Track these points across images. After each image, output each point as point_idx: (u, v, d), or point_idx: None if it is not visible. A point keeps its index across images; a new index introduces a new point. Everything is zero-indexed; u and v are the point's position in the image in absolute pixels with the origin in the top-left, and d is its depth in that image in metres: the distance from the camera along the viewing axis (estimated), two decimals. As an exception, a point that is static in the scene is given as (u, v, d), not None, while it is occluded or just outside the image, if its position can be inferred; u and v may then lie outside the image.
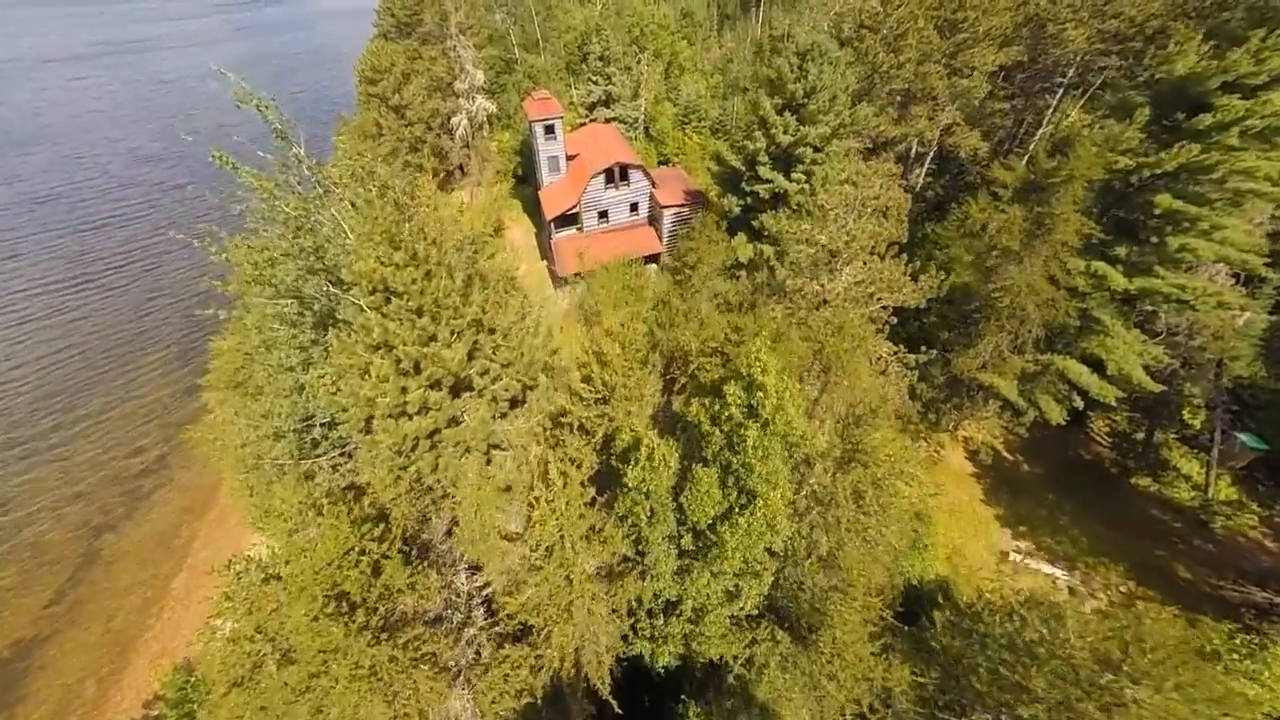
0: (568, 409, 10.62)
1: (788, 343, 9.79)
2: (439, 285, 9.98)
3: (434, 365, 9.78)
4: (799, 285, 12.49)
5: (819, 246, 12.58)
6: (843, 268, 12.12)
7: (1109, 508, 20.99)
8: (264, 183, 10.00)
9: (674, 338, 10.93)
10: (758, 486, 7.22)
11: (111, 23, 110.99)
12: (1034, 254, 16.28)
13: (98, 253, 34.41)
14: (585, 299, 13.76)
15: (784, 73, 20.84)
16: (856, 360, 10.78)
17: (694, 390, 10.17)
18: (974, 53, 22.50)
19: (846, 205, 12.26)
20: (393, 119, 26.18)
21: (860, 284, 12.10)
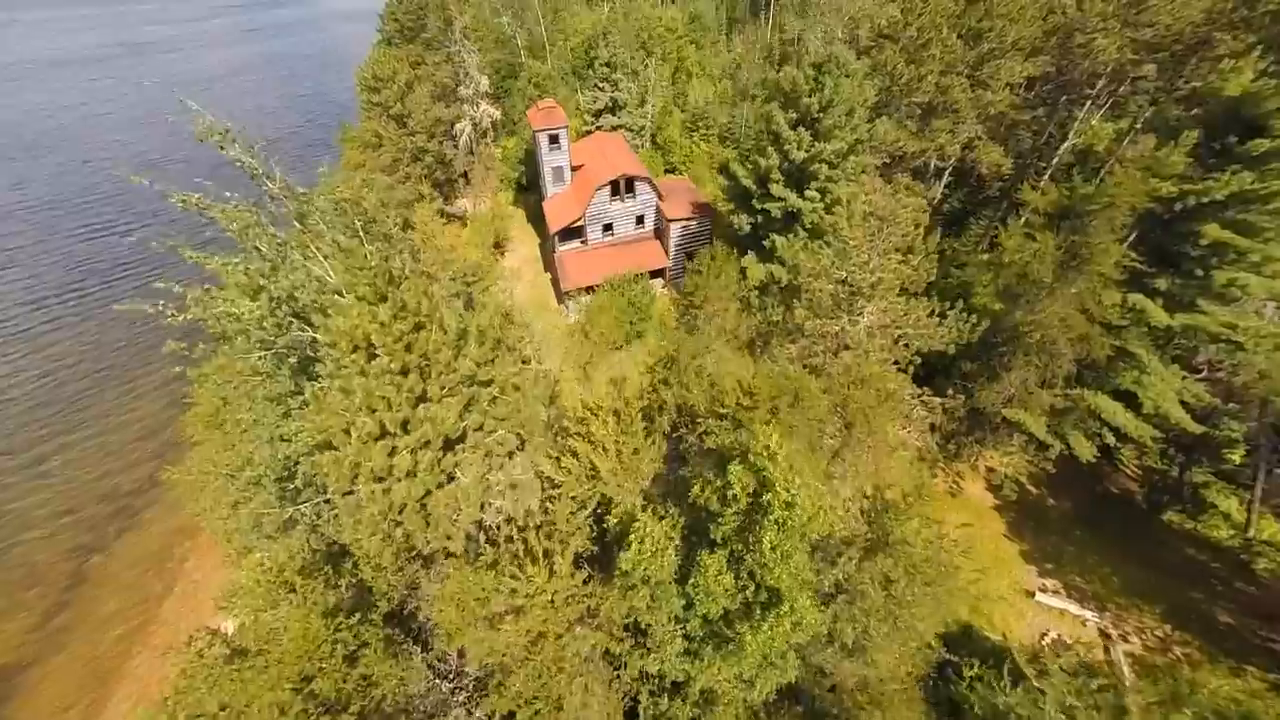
0: (557, 480, 9.68)
1: (807, 398, 8.81)
2: (430, 340, 9.07)
3: (424, 426, 8.88)
4: (818, 326, 11.46)
5: (840, 283, 11.56)
6: (865, 306, 11.10)
7: (1140, 545, 19.76)
8: (237, 220, 9.08)
9: (680, 395, 10.01)
10: (780, 583, 6.27)
11: (123, 24, 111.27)
12: (1068, 286, 15.09)
13: (98, 261, 33.93)
14: (582, 349, 12.80)
15: (798, 85, 19.72)
16: (882, 417, 9.78)
17: (701, 454, 9.22)
18: (1000, 64, 21.23)
19: (871, 241, 11.21)
20: (394, 128, 25.33)
21: (885, 327, 11.06)
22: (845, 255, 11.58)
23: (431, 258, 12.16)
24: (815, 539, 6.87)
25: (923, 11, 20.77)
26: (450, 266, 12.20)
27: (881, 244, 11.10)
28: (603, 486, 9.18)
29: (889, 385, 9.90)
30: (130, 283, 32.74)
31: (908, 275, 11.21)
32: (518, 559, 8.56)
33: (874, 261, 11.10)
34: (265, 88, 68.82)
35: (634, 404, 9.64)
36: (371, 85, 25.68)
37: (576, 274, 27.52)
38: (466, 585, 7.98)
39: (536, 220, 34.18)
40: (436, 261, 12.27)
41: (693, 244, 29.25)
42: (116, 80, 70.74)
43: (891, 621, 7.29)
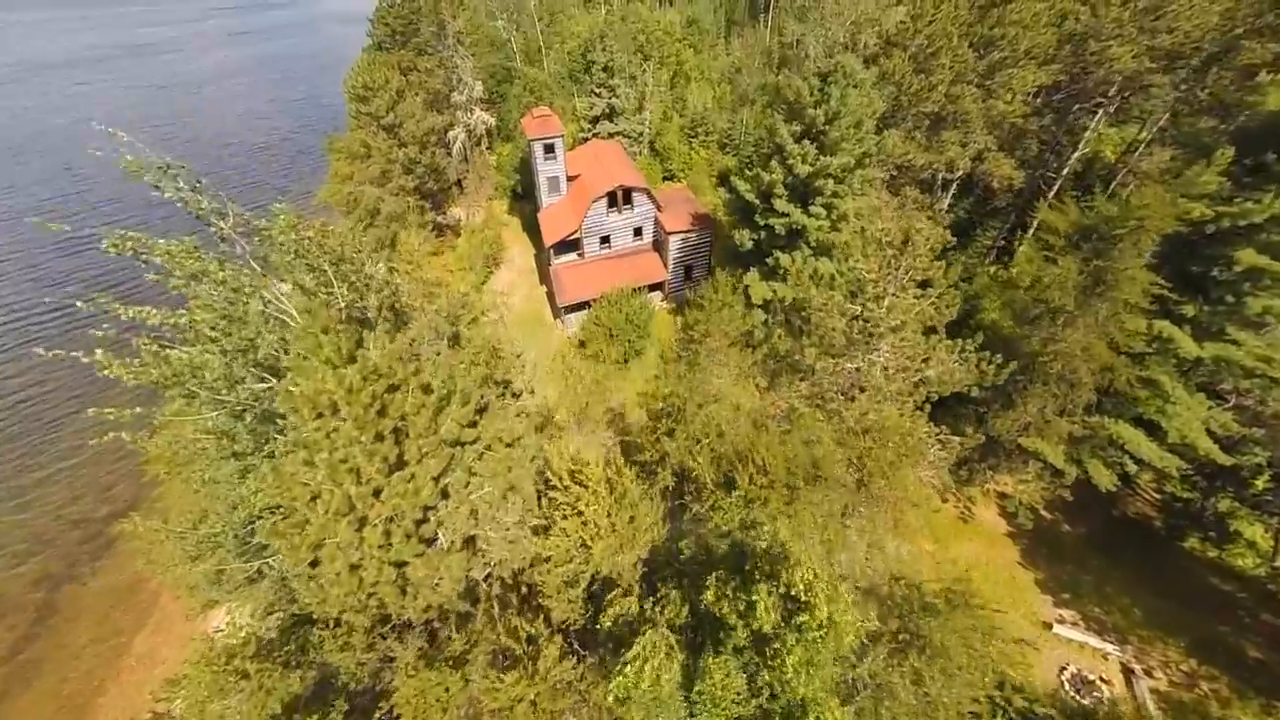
0: (545, 553, 8.69)
1: (826, 468, 7.85)
2: (406, 402, 8.06)
3: (400, 499, 7.89)
4: (830, 365, 10.50)
5: (853, 319, 10.60)
6: (880, 346, 10.15)
7: (1161, 574, 18.88)
8: (182, 266, 8.02)
9: (682, 457, 9.05)
10: (807, 696, 5.34)
11: (118, 26, 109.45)
12: (1091, 314, 14.13)
13: (81, 274, 32.75)
14: (578, 392, 11.71)
15: (803, 96, 18.71)
16: (902, 474, 8.85)
17: (707, 517, 8.27)
18: (1012, 73, 20.26)
19: (887, 272, 10.26)
20: (384, 139, 24.26)
21: (903, 370, 10.12)
22: (860, 287, 10.63)
23: (415, 290, 11.13)
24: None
25: (934, 19, 19.78)
26: (436, 299, 11.18)
27: (900, 277, 10.16)
28: (595, 564, 8.21)
29: (910, 438, 8.97)
30: (115, 295, 31.57)
31: (929, 314, 10.27)
32: (496, 648, 7.58)
33: (889, 297, 10.13)
34: (257, 91, 67.44)
35: (626, 475, 8.65)
36: (360, 95, 24.59)
37: (573, 288, 26.50)
38: (427, 686, 6.99)
39: (532, 229, 33.16)
40: (421, 294, 11.24)
41: (692, 256, 28.28)
42: (107, 83, 69.29)
43: (927, 715, 6.41)
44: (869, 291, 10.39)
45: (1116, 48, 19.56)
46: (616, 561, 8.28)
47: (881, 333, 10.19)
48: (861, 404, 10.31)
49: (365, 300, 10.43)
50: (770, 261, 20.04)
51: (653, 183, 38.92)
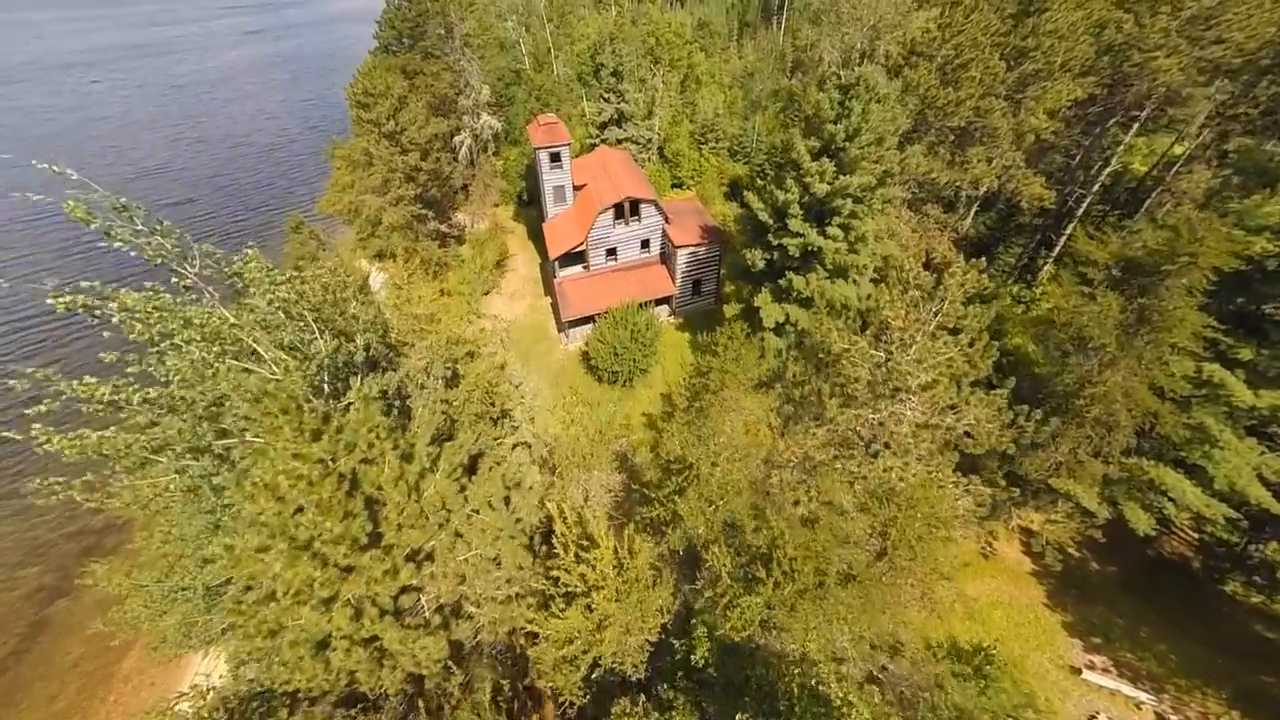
0: (543, 632, 7.83)
1: (862, 574, 6.90)
2: (382, 475, 7.24)
3: (374, 582, 7.08)
4: (852, 419, 9.52)
5: (877, 367, 9.62)
6: (909, 399, 9.17)
7: (1200, 619, 17.65)
8: (144, 324, 7.15)
9: (693, 524, 8.12)
10: None
11: (130, 25, 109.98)
12: (1133, 355, 12.97)
13: (86, 279, 32.44)
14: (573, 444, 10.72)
15: (822, 110, 17.59)
16: (932, 548, 7.89)
17: (723, 614, 7.35)
18: (1046, 86, 18.99)
19: (919, 322, 9.23)
20: (386, 147, 23.51)
21: (933, 426, 9.13)
22: (883, 329, 9.64)
23: (406, 325, 10.34)
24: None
25: (963, 28, 18.53)
26: (428, 335, 10.37)
27: (928, 322, 9.16)
28: (598, 649, 7.36)
29: (942, 507, 8.01)
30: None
31: (962, 367, 9.23)
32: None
33: (917, 345, 9.09)
34: (267, 91, 67.19)
35: (643, 554, 7.74)
36: (361, 101, 23.84)
37: (578, 302, 25.64)
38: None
39: (539, 236, 32.29)
40: (412, 330, 10.44)
41: (701, 270, 27.27)
42: (118, 83, 69.37)
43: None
44: (895, 339, 9.41)
45: (1163, 59, 18.21)
46: (624, 643, 7.45)
47: (909, 387, 9.22)
48: (886, 460, 9.36)
49: (353, 343, 9.63)
50: (783, 283, 19.02)
51: (661, 190, 37.93)
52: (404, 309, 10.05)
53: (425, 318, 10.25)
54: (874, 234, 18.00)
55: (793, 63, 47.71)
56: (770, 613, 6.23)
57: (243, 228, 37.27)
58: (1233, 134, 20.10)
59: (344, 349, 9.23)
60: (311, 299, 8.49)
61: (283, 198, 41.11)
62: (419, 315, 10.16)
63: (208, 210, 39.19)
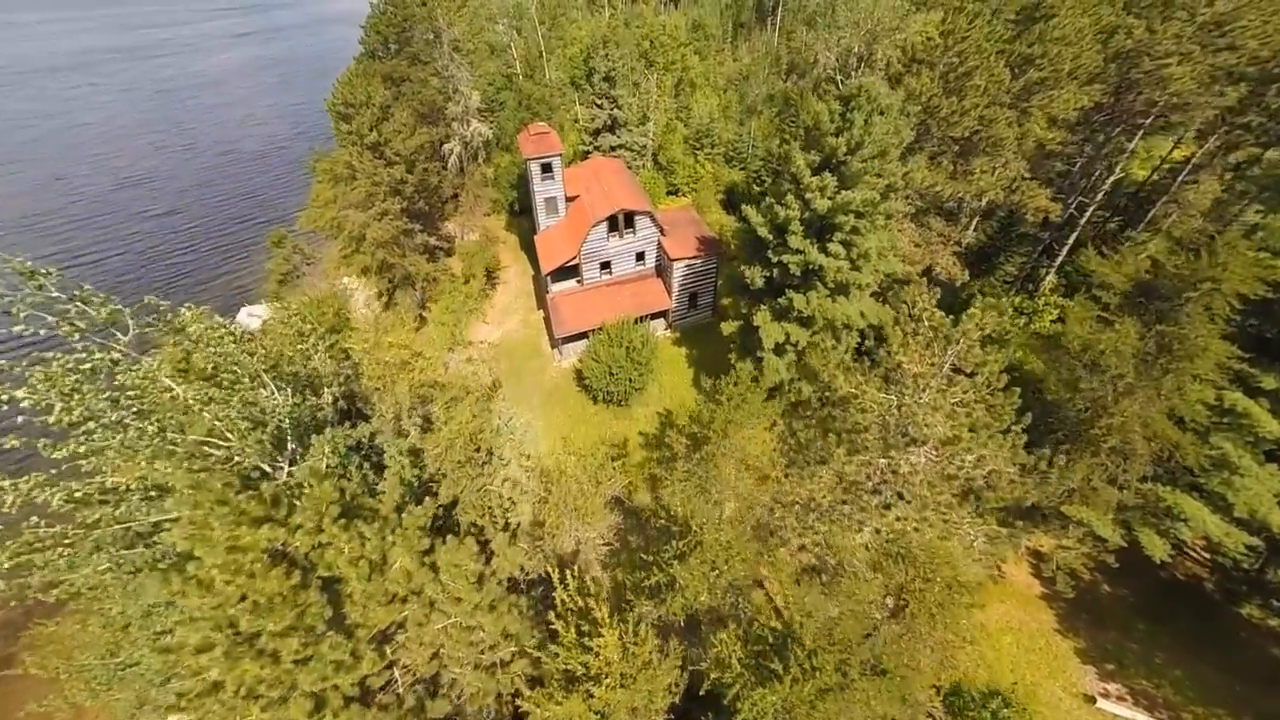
0: (533, 706, 7.02)
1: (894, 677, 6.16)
2: (340, 559, 6.40)
3: (334, 674, 6.26)
4: (858, 466, 8.75)
5: (888, 411, 8.87)
6: (923, 449, 8.42)
7: (1217, 644, 17.05)
8: (64, 404, 6.18)
9: (695, 594, 7.32)
10: None
11: (117, 27, 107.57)
12: (1153, 386, 12.24)
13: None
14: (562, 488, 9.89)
15: (822, 122, 16.77)
16: (954, 614, 7.17)
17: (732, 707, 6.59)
18: (1053, 94, 18.24)
19: (934, 365, 8.47)
20: (369, 159, 22.51)
21: (950, 477, 8.38)
22: (894, 373, 8.87)
23: (378, 373, 9.48)
24: None
25: (967, 34, 17.73)
26: (401, 380, 9.52)
27: (943, 366, 8.39)
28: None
29: (965, 568, 7.26)
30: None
31: (982, 417, 8.44)
32: None
33: (930, 391, 8.31)
34: (256, 96, 65.71)
35: (649, 640, 6.90)
36: (342, 112, 22.83)
37: (571, 318, 24.79)
38: None
39: (531, 247, 31.39)
40: (384, 379, 9.57)
41: (698, 283, 26.46)
42: (102, 87, 67.64)
43: None
44: (908, 383, 8.64)
45: (1175, 66, 17.48)
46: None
47: (924, 438, 8.49)
48: (899, 510, 8.61)
49: (319, 395, 8.76)
50: (783, 301, 18.23)
51: (656, 198, 37.07)
52: (375, 355, 9.19)
53: (397, 365, 9.40)
54: (877, 250, 17.22)
55: (787, 65, 46.89)
56: (788, 716, 5.53)
57: (228, 241, 36.14)
58: (1244, 144, 19.42)
59: (307, 403, 8.35)
60: (268, 353, 7.61)
61: (270, 208, 39.95)
62: (390, 363, 9.30)
63: (191, 222, 38.00)
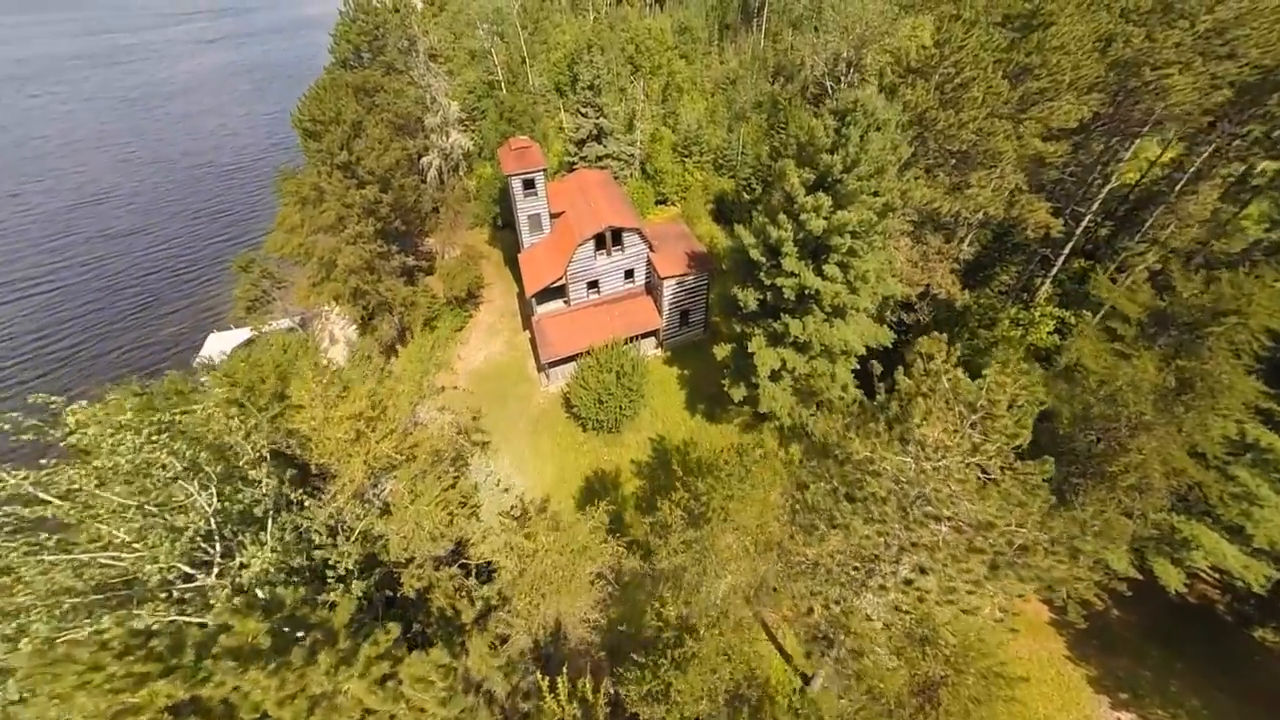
0: None
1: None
2: (267, 699, 5.24)
3: None
4: (874, 534, 7.79)
5: (905, 484, 7.95)
6: (943, 526, 7.49)
7: (1233, 669, 16.50)
8: None
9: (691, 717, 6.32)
10: None
11: (79, 32, 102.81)
12: (1174, 424, 11.45)
13: (11, 332, 29.19)
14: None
15: (816, 138, 15.77)
16: (993, 707, 6.25)
17: None
18: (1052, 105, 17.45)
19: (956, 431, 7.53)
20: (339, 179, 21.04)
21: (978, 551, 7.44)
22: (910, 438, 7.92)
23: (329, 448, 8.24)
24: None
25: (964, 43, 16.84)
26: (358, 453, 8.30)
27: (965, 434, 7.47)
28: None
29: (1003, 656, 6.34)
30: (58, 354, 28.14)
31: (1017, 497, 7.50)
32: None
33: (952, 458, 7.40)
34: (228, 104, 63.07)
35: None
36: (309, 129, 21.30)
37: (558, 341, 23.59)
38: None
39: (516, 262, 30.12)
40: (336, 454, 8.34)
41: (689, 300, 25.42)
42: (61, 96, 64.33)
43: None
44: (928, 452, 7.71)
45: (1176, 76, 16.77)
46: None
47: (949, 514, 7.57)
48: (922, 583, 7.71)
49: (256, 486, 7.53)
50: (779, 326, 17.25)
51: (644, 208, 35.94)
52: (326, 432, 7.99)
53: (350, 439, 8.19)
54: (875, 272, 16.31)
55: (774, 67, 45.96)
56: None
57: (197, 262, 34.21)
58: (1250, 156, 18.86)
59: (240, 496, 7.11)
60: (185, 450, 6.38)
61: (243, 225, 38.00)
62: (342, 439, 8.09)
63: (158, 243, 35.93)
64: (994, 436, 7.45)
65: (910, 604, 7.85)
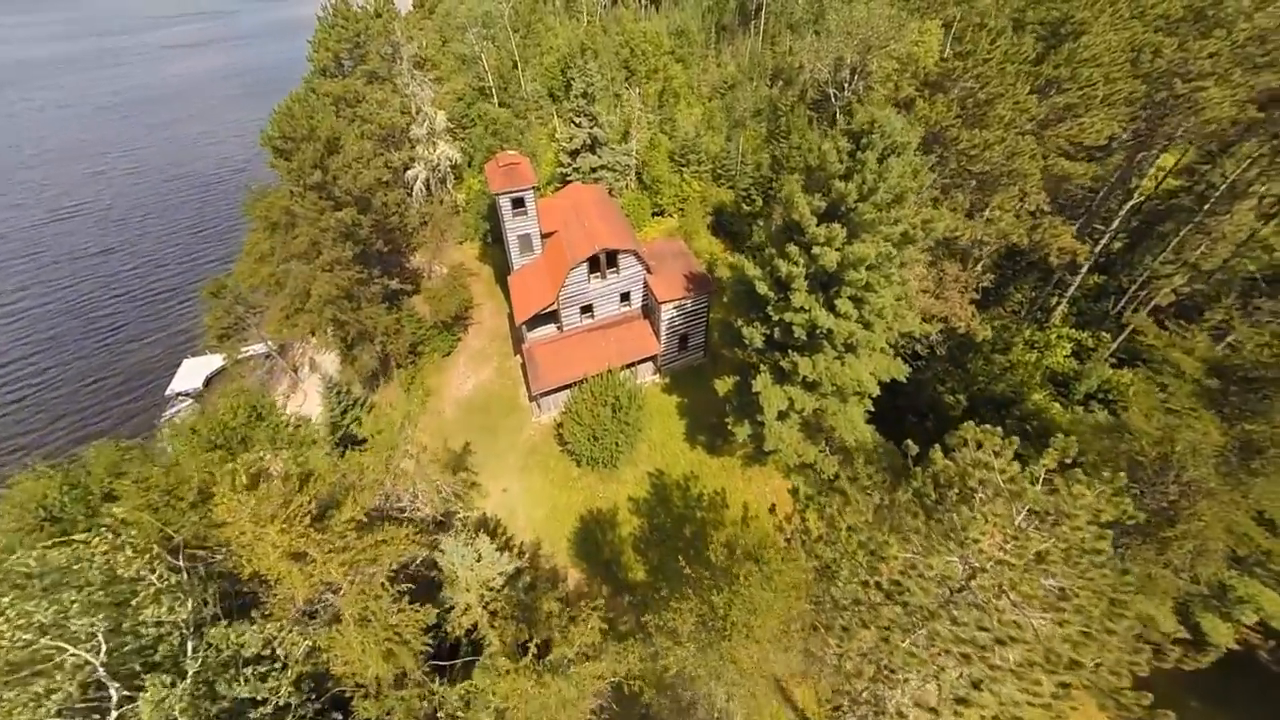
0: None
1: None
2: None
3: None
4: (911, 657, 6.30)
5: (957, 584, 6.52)
6: (1012, 646, 6.08)
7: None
8: None
9: None
10: None
11: (58, 35, 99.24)
12: (1239, 491, 10.03)
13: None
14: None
15: (829, 162, 14.18)
16: None
17: None
18: (1082, 122, 15.94)
19: (1014, 539, 6.12)
20: (313, 201, 19.31)
21: (1033, 664, 6.02)
22: (962, 540, 6.51)
23: (265, 565, 6.69)
24: None
25: (989, 56, 15.28)
26: (299, 583, 6.75)
27: (1027, 543, 6.05)
28: None
29: None
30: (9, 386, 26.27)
31: (1102, 625, 6.15)
32: None
33: (1015, 571, 6.01)
34: (213, 111, 60.76)
35: None
36: (279, 148, 19.56)
37: (550, 371, 22.01)
38: None
39: (505, 278, 28.45)
40: (273, 574, 6.77)
41: (688, 324, 23.86)
42: (37, 103, 61.59)
43: None
44: (984, 565, 6.28)
45: (1212, 89, 15.30)
46: None
47: (1016, 638, 6.16)
48: (978, 698, 6.27)
49: (169, 614, 5.97)
50: (786, 364, 15.73)
51: (641, 219, 34.28)
52: (258, 549, 6.44)
53: (288, 556, 6.65)
54: (893, 309, 14.80)
55: (773, 71, 44.26)
56: None
57: (174, 283, 32.32)
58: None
59: (144, 629, 5.57)
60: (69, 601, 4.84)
61: (223, 242, 36.02)
62: (276, 558, 6.56)
63: (132, 261, 34.01)
64: (1069, 551, 6.02)
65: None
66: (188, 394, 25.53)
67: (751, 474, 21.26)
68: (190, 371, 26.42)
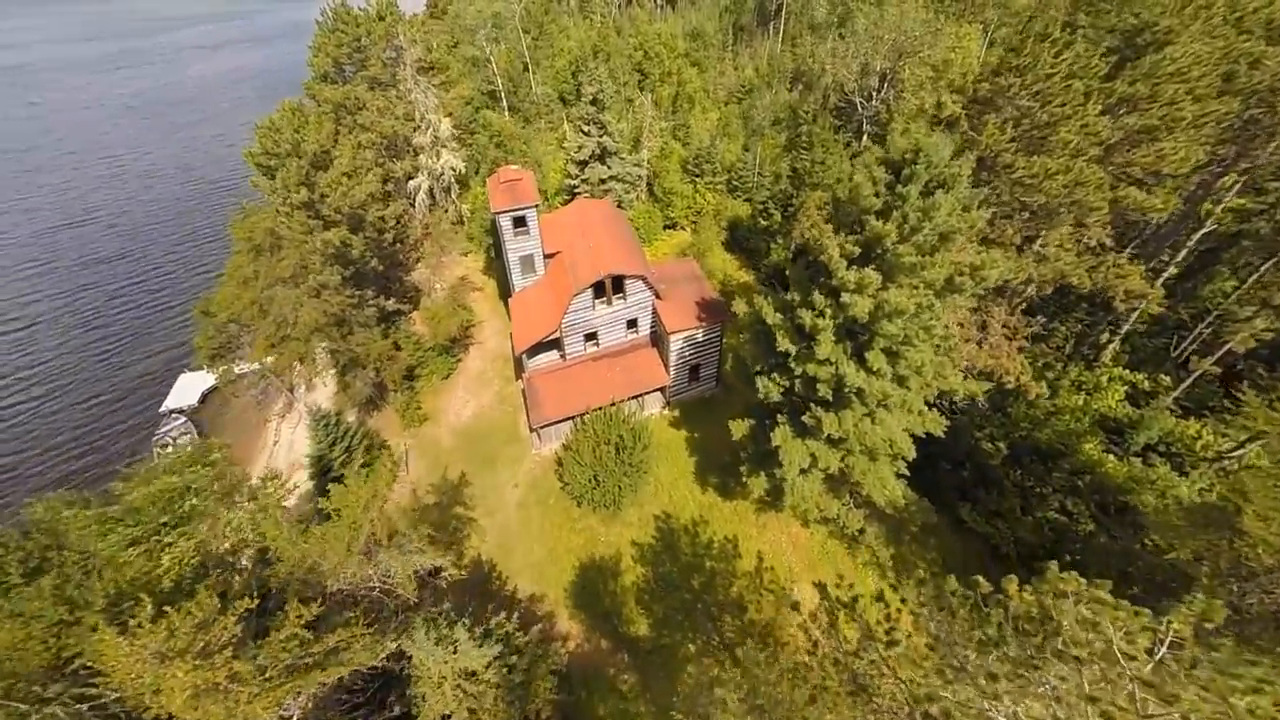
0: None
1: None
2: None
3: None
4: None
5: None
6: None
7: None
8: None
9: None
10: None
11: (80, 37, 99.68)
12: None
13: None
14: None
15: (863, 197, 12.10)
16: None
17: None
18: (1164, 147, 13.54)
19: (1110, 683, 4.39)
20: (299, 221, 17.88)
21: None
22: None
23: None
24: None
25: (1052, 70, 12.97)
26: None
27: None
28: None
29: None
30: (14, 400, 25.68)
31: None
32: None
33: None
34: (230, 112, 60.22)
35: None
36: (264, 164, 18.14)
37: (551, 403, 20.39)
38: None
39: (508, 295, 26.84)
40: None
41: (699, 355, 22.00)
42: (59, 104, 61.51)
43: None
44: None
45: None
46: None
47: None
48: None
49: None
50: (809, 420, 13.81)
51: (652, 233, 32.33)
52: (165, 691, 4.96)
53: (202, 694, 5.19)
54: (933, 366, 12.76)
55: (793, 74, 41.63)
56: None
57: (182, 292, 31.42)
58: None
59: None
60: None
61: (230, 251, 35.15)
62: (182, 710, 5.10)
63: (142, 269, 33.26)
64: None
65: None
66: (182, 411, 24.59)
67: (766, 520, 19.42)
68: (186, 387, 25.50)
